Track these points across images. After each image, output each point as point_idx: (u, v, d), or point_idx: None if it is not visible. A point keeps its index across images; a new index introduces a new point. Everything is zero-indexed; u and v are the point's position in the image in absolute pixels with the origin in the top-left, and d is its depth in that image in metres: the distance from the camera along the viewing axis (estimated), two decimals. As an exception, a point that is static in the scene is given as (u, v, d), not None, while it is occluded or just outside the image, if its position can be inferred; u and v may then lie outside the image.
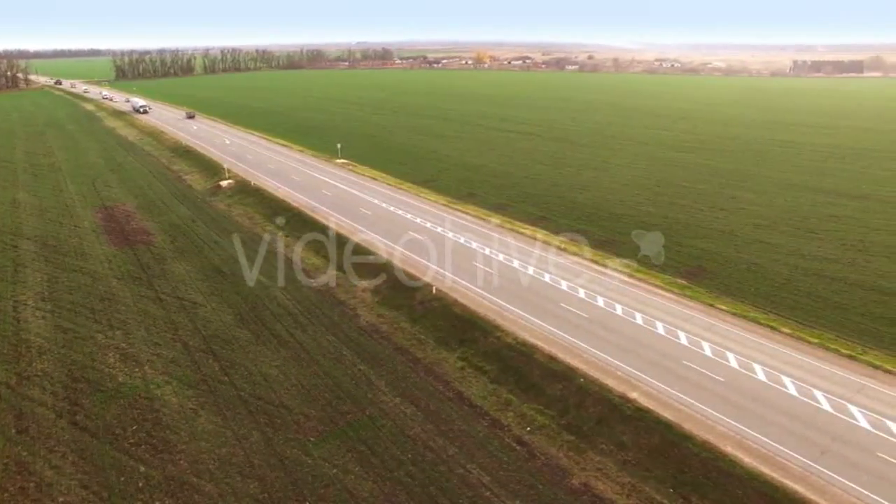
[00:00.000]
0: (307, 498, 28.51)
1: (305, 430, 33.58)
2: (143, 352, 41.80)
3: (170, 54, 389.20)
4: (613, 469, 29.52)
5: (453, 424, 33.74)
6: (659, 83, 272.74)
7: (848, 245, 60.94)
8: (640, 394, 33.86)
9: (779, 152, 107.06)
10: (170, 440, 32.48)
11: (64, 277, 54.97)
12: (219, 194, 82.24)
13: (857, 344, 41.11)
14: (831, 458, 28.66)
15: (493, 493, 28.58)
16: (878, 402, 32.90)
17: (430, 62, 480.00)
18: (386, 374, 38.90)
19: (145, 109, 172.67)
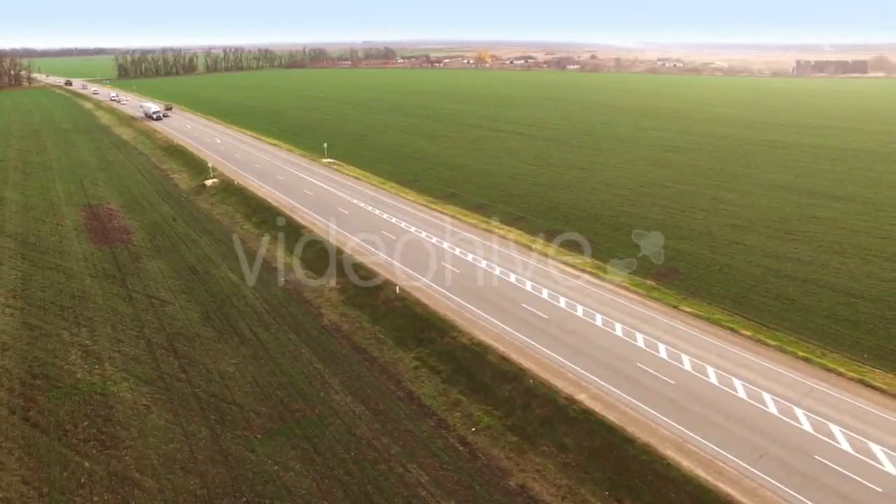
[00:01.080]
0: (245, 494, 28.81)
1: (253, 427, 33.89)
2: (106, 349, 42.24)
3: (172, 53, 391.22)
4: (552, 471, 29.63)
5: (400, 424, 33.95)
6: (658, 83, 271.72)
7: (825, 247, 60.70)
8: (588, 396, 33.92)
9: (768, 153, 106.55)
10: (119, 436, 32.86)
11: (39, 275, 55.55)
12: (203, 193, 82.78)
13: (817, 346, 41.04)
14: (768, 461, 28.66)
15: (430, 493, 28.77)
16: (825, 405, 32.85)
17: (432, 61, 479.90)
18: (341, 373, 39.17)
19: (159, 115, 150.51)
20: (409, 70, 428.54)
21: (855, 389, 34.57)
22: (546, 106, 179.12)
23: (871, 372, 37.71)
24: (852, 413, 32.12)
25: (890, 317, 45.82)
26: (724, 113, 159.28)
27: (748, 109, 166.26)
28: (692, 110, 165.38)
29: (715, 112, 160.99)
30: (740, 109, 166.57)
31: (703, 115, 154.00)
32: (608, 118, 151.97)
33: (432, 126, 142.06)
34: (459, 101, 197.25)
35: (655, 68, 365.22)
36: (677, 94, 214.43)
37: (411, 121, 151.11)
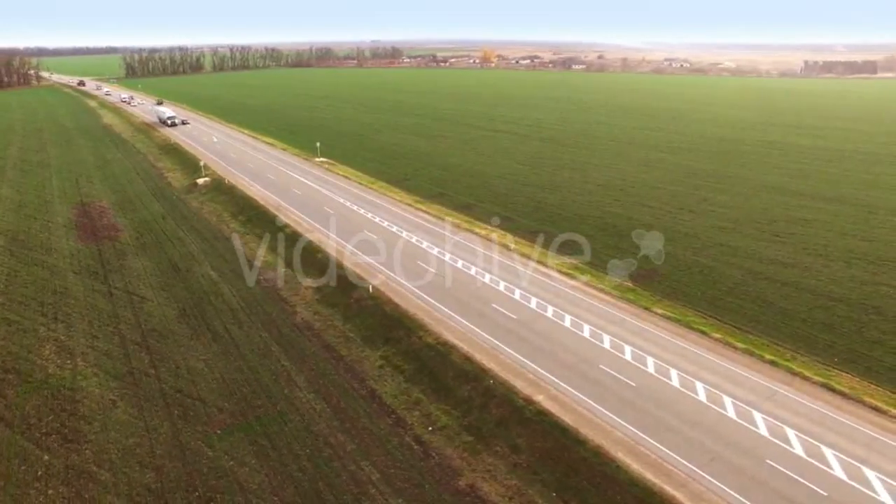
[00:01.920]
0: (198, 489, 29.18)
1: (215, 422, 34.29)
2: (80, 344, 42.87)
3: (179, 52, 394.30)
4: (503, 471, 29.72)
5: (358, 422, 34.20)
6: (662, 83, 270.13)
7: (810, 249, 60.22)
8: (546, 397, 33.97)
9: (764, 154, 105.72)
10: (81, 430, 33.38)
11: (24, 271, 56.38)
12: (194, 192, 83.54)
13: (788, 349, 40.82)
14: (718, 465, 28.57)
15: (379, 491, 28.98)
16: (785, 409, 32.67)
17: (438, 61, 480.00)
18: (307, 370, 39.48)
19: (174, 122, 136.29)
20: (414, 69, 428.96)
21: (817, 393, 34.35)
22: (546, 106, 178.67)
23: (838, 376, 37.47)
24: (810, 417, 31.93)
25: (865, 320, 45.46)
26: (724, 114, 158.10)
27: (750, 110, 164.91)
28: (692, 111, 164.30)
29: (715, 113, 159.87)
30: (742, 110, 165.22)
31: (703, 116, 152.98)
32: (606, 118, 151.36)
33: (430, 126, 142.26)
34: (460, 100, 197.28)
35: (661, 69, 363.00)
36: (679, 95, 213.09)
37: (409, 120, 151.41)
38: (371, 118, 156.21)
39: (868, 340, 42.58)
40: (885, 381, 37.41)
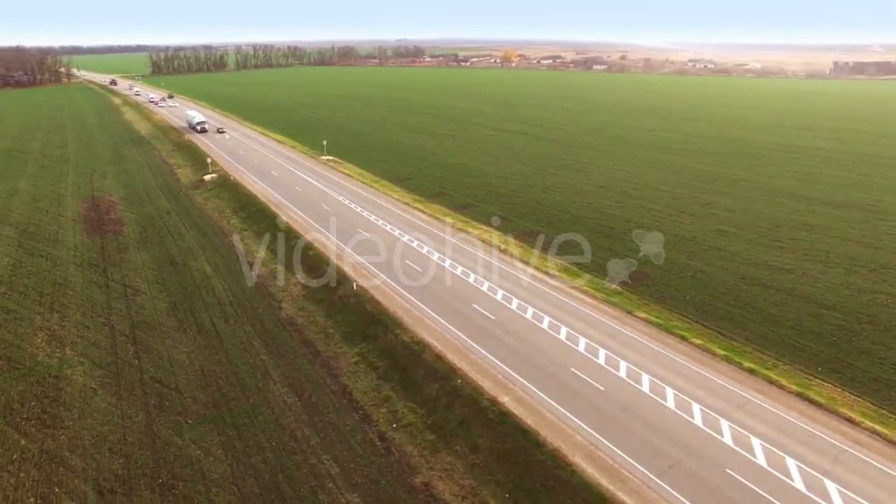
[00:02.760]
0: (162, 476, 30.02)
1: (188, 413, 35.16)
2: (71, 334, 44.31)
3: (203, 50, 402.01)
4: (460, 471, 29.87)
5: (326, 417, 34.70)
6: (683, 84, 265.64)
7: (811, 255, 58.86)
8: (512, 398, 33.96)
9: (777, 156, 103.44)
10: (60, 417, 34.57)
11: (29, 262, 58.42)
12: (200, 188, 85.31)
13: (770, 357, 40.08)
14: (676, 473, 28.23)
15: (336, 485, 29.41)
16: (754, 418, 32.10)
17: (459, 60, 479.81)
18: (284, 365, 40.17)
19: (204, 127, 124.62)
20: (434, 69, 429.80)
21: (791, 403, 33.65)
22: (559, 106, 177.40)
23: (819, 385, 36.66)
24: (779, 427, 31.31)
25: (857, 329, 44.32)
26: (741, 115, 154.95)
27: (768, 112, 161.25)
28: (708, 112, 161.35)
29: (732, 114, 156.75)
30: (760, 112, 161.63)
31: (719, 118, 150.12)
32: (618, 119, 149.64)
33: (440, 125, 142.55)
34: (474, 100, 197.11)
35: (684, 69, 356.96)
36: (698, 96, 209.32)
37: (420, 119, 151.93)
38: (382, 117, 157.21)
39: (856, 350, 41.52)
40: (867, 392, 36.50)
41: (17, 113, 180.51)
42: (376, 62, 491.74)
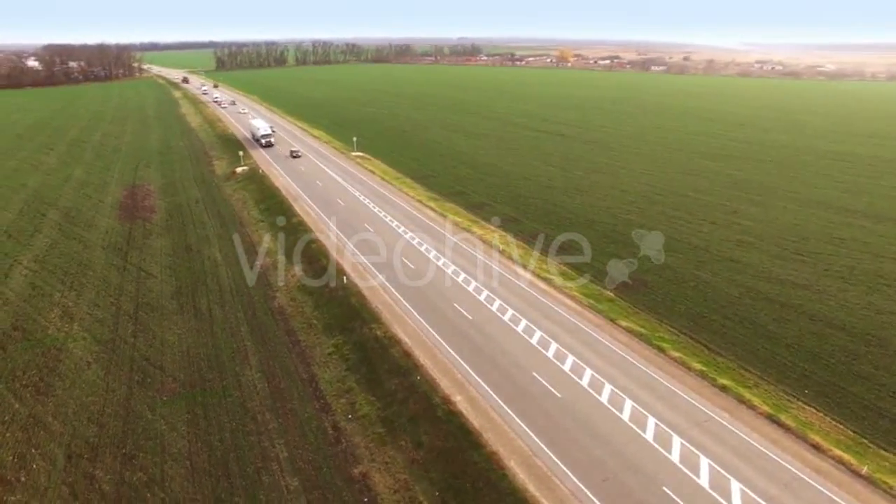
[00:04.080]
0: (127, 446, 32.28)
1: (164, 390, 37.49)
2: (82, 311, 47.98)
3: (265, 46, 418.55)
4: (399, 465, 30.41)
5: (289, 403, 36.08)
6: (743, 87, 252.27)
7: (832, 271, 55.33)
8: (465, 398, 34.12)
9: (824, 165, 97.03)
10: (53, 385, 37.67)
11: (63, 244, 63.47)
12: (231, 180, 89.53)
13: (754, 376, 38.33)
14: (609, 486, 27.61)
15: (280, 468, 30.66)
16: (710, 436, 30.83)
17: (514, 59, 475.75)
18: (264, 351, 41.95)
19: (270, 141, 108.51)
20: (488, 67, 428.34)
21: (757, 424, 32.06)
22: (604, 108, 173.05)
23: (799, 409, 34.75)
24: (735, 448, 29.94)
25: (862, 352, 41.47)
26: (798, 120, 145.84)
27: (830, 117, 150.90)
28: (763, 117, 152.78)
29: (789, 119, 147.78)
30: (821, 117, 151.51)
31: (772, 123, 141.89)
32: (663, 122, 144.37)
33: (478, 124, 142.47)
34: (518, 99, 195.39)
35: (749, 71, 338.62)
36: (756, 100, 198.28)
37: (461, 118, 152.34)
38: (423, 115, 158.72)
39: (855, 374, 38.90)
40: (853, 419, 34.24)
41: (89, 105, 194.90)
42: (431, 60, 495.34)
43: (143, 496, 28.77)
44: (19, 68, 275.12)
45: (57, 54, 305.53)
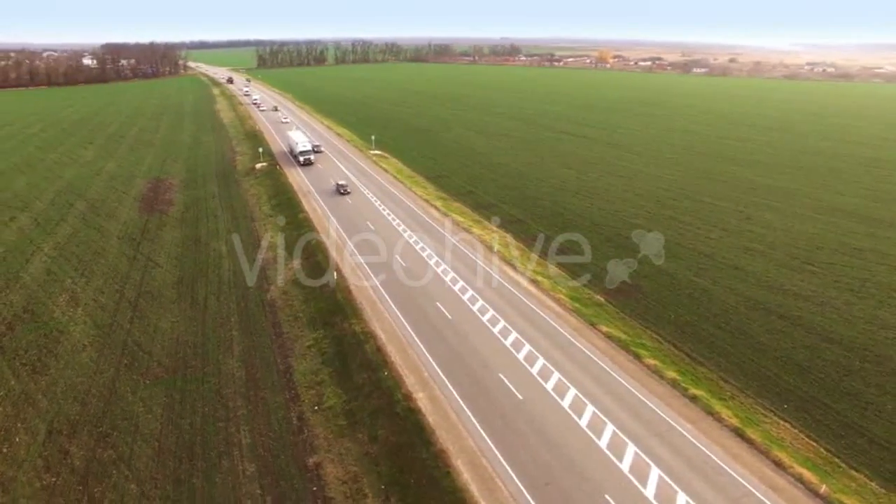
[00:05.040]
0: (104, 425, 34.10)
1: (149, 374, 39.31)
2: (88, 297, 50.70)
3: (305, 45, 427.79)
4: (352, 457, 31.07)
5: (261, 392, 37.28)
6: (788, 90, 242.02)
7: (842, 283, 53.04)
8: (426, 395, 34.49)
9: (859, 172, 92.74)
10: (49, 365, 40.09)
11: (83, 233, 67.05)
12: (250, 175, 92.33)
13: (733, 387, 37.40)
14: (550, 491, 27.46)
15: (241, 454, 31.81)
16: (667, 447, 30.22)
17: (552, 60, 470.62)
18: (248, 341, 43.39)
19: (309, 159, 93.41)
20: (525, 68, 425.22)
21: (720, 437, 31.22)
22: (634, 110, 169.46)
23: (773, 424, 33.72)
24: (690, 460, 29.28)
25: (855, 368, 39.79)
26: (841, 125, 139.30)
27: (876, 122, 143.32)
28: (801, 121, 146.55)
29: (830, 124, 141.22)
30: (867, 122, 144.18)
31: (811, 128, 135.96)
32: (693, 126, 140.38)
33: (502, 124, 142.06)
34: (548, 101, 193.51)
35: (796, 74, 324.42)
36: (798, 103, 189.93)
37: (485, 118, 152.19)
38: (449, 114, 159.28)
39: (842, 390, 37.38)
40: (828, 437, 32.98)
41: (132, 101, 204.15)
42: (469, 60, 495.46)
43: (109, 472, 30.39)
44: (75, 67, 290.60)
45: (110, 53, 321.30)
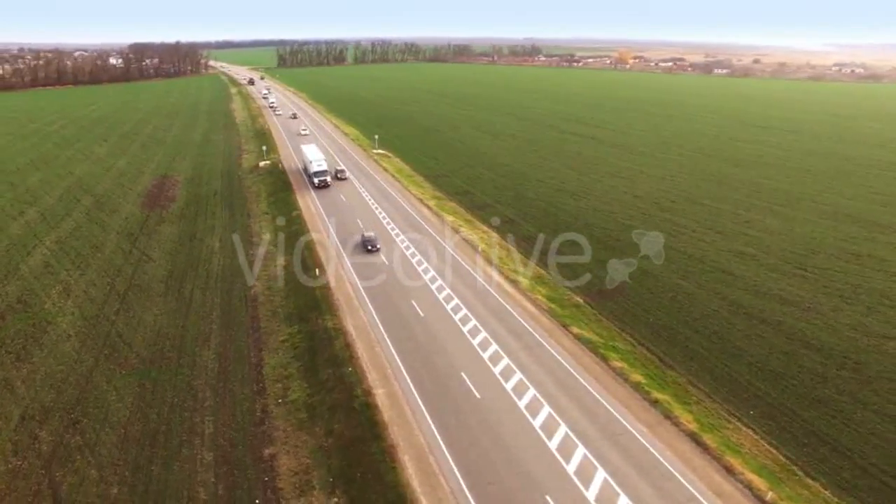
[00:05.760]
0: (74, 412, 35.25)
1: (125, 364, 40.48)
2: (80, 289, 52.34)
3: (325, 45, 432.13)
4: (307, 450, 31.62)
5: (230, 384, 38.12)
6: (811, 91, 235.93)
7: (832, 289, 51.98)
8: (386, 392, 34.88)
9: (870, 175, 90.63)
10: (33, 354, 41.57)
11: (85, 227, 69.13)
12: (253, 173, 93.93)
13: (699, 392, 37.06)
14: (492, 491, 27.52)
15: (202, 442, 32.62)
16: (618, 450, 30.06)
17: (571, 61, 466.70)
18: (225, 335, 44.31)
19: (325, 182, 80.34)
20: (544, 68, 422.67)
21: (674, 441, 30.94)
22: (646, 111, 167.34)
23: (735, 430, 33.35)
24: (640, 464, 29.09)
25: (831, 375, 39.07)
26: (861, 128, 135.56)
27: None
28: (818, 123, 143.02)
29: (849, 127, 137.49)
30: (886, 124, 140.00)
31: (828, 131, 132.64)
32: (703, 127, 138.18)
33: (510, 124, 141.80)
34: (560, 101, 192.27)
35: (822, 75, 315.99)
36: (817, 104, 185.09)
37: (492, 118, 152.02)
38: (457, 114, 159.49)
39: (813, 398, 36.75)
40: (792, 444, 32.52)
41: (151, 100, 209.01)
42: (487, 60, 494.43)
43: (73, 458, 31.47)
44: (100, 66, 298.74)
45: (135, 52, 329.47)
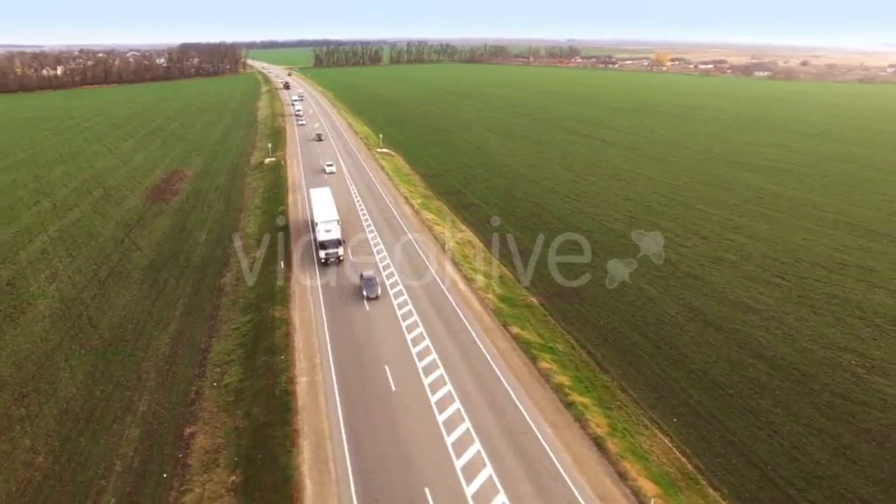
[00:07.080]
0: (27, 385, 37.99)
1: (86, 345, 43.13)
2: (68, 274, 55.82)
3: (361, 45, 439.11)
4: (223, 431, 33.15)
5: (175, 366, 40.20)
6: (856, 94, 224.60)
7: (805, 298, 50.72)
8: (308, 380, 36.14)
9: (886, 182, 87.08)
10: (7, 332, 44.77)
11: (88, 217, 73.35)
12: (258, 169, 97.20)
13: (626, 397, 36.97)
14: (373, 478, 28.06)
15: (133, 419, 34.70)
16: (513, 449, 30.18)
17: (607, 63, 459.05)
18: (185, 321, 46.54)
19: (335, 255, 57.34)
20: (579, 70, 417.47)
21: (575, 445, 30.97)
22: (669, 113, 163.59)
23: (650, 437, 33.16)
24: (531, 465, 29.19)
25: (773, 386, 38.33)
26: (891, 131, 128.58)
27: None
28: (849, 128, 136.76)
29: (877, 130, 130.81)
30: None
31: (856, 135, 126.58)
32: (722, 130, 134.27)
33: (522, 126, 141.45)
34: (582, 103, 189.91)
35: (872, 77, 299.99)
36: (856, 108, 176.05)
37: (509, 119, 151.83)
38: (475, 115, 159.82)
39: (745, 408, 36.03)
40: (706, 454, 32.21)
41: (184, 98, 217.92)
42: (521, 62, 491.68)
43: (13, 428, 33.99)
44: (144, 66, 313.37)
45: (179, 52, 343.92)
